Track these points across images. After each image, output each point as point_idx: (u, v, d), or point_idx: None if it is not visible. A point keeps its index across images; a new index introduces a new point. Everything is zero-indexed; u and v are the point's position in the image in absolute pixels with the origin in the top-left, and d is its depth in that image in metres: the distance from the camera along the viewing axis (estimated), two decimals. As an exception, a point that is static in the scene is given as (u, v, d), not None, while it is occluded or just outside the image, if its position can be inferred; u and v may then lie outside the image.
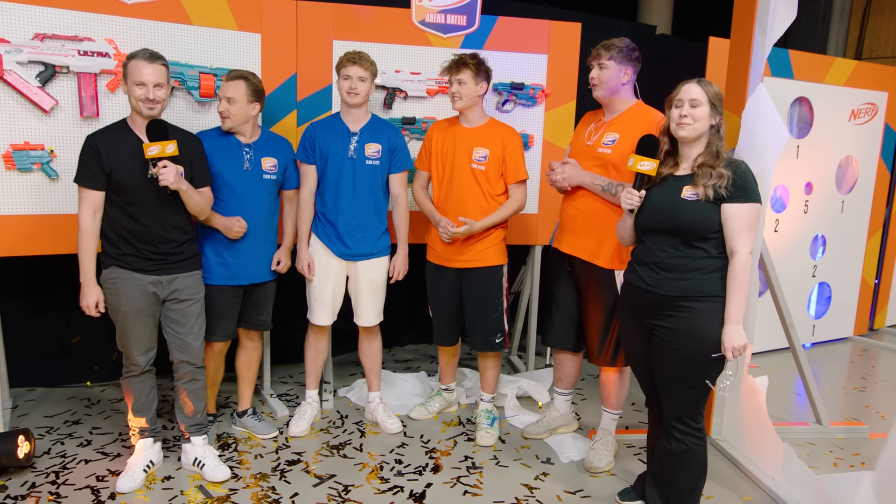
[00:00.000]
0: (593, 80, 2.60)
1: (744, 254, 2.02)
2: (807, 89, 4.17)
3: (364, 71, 2.76)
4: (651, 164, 2.15)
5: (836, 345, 4.68)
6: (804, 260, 4.43)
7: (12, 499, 2.38)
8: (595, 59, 2.59)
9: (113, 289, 2.38)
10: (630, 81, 2.61)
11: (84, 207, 2.33)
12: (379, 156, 2.86)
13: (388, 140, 2.89)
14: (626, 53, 2.56)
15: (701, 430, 2.16)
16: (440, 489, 2.56)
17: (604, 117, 2.68)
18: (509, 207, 2.87)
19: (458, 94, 2.79)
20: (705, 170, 2.05)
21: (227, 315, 2.76)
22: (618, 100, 2.61)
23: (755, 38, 2.69)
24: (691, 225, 2.06)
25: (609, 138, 2.59)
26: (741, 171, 2.04)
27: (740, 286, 2.02)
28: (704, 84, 2.10)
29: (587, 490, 2.59)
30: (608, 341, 2.67)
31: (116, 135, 2.35)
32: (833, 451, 2.99)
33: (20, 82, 2.56)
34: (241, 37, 3.01)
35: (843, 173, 4.51)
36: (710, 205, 2.03)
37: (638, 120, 2.57)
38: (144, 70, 2.30)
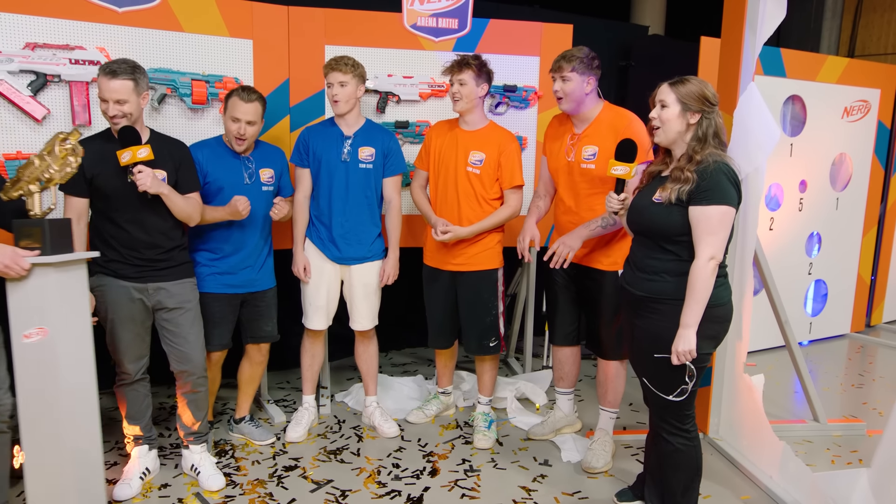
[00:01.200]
0: (558, 93, 2.61)
1: (702, 258, 1.96)
2: (799, 87, 4.18)
3: (344, 75, 2.74)
4: (625, 168, 2.19)
5: (832, 342, 4.68)
6: (800, 257, 4.44)
7: (8, 509, 2.37)
8: (557, 71, 2.60)
9: (100, 296, 2.38)
10: (593, 90, 2.63)
11: (67, 214, 2.34)
12: (372, 159, 2.86)
13: (382, 144, 2.88)
14: (587, 63, 2.57)
15: (690, 431, 2.14)
16: (438, 492, 2.56)
17: (575, 129, 2.69)
18: (503, 213, 2.86)
19: (459, 94, 2.77)
20: (676, 173, 2.03)
21: (221, 324, 2.74)
22: (585, 111, 2.64)
23: (745, 36, 2.69)
24: (655, 227, 2.06)
25: (589, 153, 2.61)
26: (709, 172, 1.96)
27: (693, 291, 1.97)
28: (678, 84, 2.06)
29: (585, 491, 2.58)
30: (612, 333, 2.70)
31: (97, 142, 2.35)
32: (830, 449, 2.99)
33: (12, 92, 2.56)
34: (233, 43, 3.01)
35: (837, 170, 4.52)
36: (674, 207, 2.01)
37: (610, 127, 2.59)
38: (105, 86, 2.27)
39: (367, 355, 3.08)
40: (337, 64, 2.74)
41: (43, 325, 1.90)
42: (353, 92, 2.78)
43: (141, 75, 2.34)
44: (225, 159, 2.71)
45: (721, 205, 1.96)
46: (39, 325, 1.90)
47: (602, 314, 2.71)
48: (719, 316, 2.05)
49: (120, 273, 2.39)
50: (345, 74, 2.74)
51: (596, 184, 2.61)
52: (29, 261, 1.90)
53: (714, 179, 1.97)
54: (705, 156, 2.01)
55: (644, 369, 2.16)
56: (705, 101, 2.04)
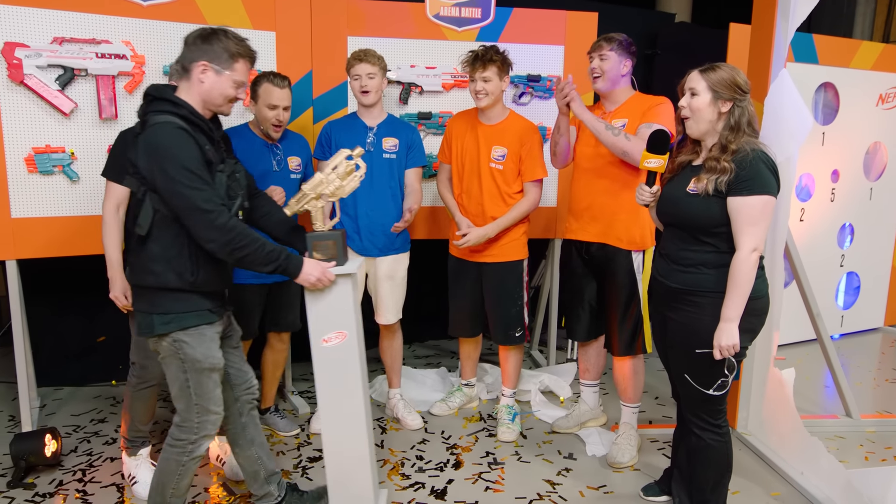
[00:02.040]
0: (595, 71, 2.61)
1: (744, 249, 1.92)
2: (832, 74, 4.07)
3: (372, 66, 2.74)
4: (659, 161, 2.12)
5: (865, 335, 4.58)
6: (832, 249, 4.33)
7: (41, 496, 2.42)
8: (595, 50, 2.61)
9: None
10: (628, 74, 2.63)
11: (109, 201, 2.32)
12: (396, 150, 2.85)
13: (405, 136, 2.88)
14: (626, 47, 2.59)
15: (721, 427, 2.09)
16: (461, 485, 2.55)
17: (605, 108, 2.68)
18: (522, 207, 2.83)
19: (485, 91, 2.72)
20: (711, 163, 1.97)
21: (249, 314, 2.75)
22: (618, 90, 2.64)
23: (777, 22, 2.62)
24: (691, 219, 2.01)
25: (619, 124, 2.58)
26: (748, 162, 1.91)
27: (736, 284, 1.93)
28: (708, 70, 2.00)
29: (610, 485, 2.56)
30: (626, 328, 2.67)
31: None
32: (864, 445, 2.92)
33: (40, 86, 2.59)
34: (256, 35, 3.01)
35: (871, 160, 4.40)
36: (711, 199, 1.95)
37: (642, 104, 2.59)
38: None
39: (392, 349, 3.08)
40: (365, 56, 2.73)
41: (342, 330, 2.06)
42: (380, 83, 2.79)
43: None
44: (255, 147, 2.70)
45: (763, 194, 1.91)
46: (338, 329, 2.06)
47: (615, 306, 2.67)
48: (757, 309, 2.00)
49: None
50: (373, 66, 2.74)
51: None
52: (333, 272, 2.02)
53: (754, 168, 1.91)
54: (741, 144, 1.95)
55: (680, 363, 2.11)
56: (737, 88, 1.97)
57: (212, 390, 1.97)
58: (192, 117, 1.85)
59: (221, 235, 1.81)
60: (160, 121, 1.80)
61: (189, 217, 1.79)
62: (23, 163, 2.63)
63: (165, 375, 1.98)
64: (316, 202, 2.11)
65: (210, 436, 2.01)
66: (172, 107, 1.84)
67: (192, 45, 1.88)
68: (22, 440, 2.53)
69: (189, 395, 1.94)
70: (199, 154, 1.81)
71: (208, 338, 1.94)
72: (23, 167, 2.64)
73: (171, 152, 1.76)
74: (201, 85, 1.88)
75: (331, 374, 2.10)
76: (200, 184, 1.78)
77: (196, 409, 1.95)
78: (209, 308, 1.93)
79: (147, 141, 1.79)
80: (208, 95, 1.89)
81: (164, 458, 2.00)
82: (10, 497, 2.41)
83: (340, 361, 2.09)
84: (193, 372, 1.92)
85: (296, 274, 1.95)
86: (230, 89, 1.92)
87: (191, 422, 1.96)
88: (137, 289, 1.94)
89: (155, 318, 1.89)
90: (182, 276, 1.86)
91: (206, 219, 1.79)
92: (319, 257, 2.05)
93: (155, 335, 1.91)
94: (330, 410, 2.14)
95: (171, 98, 1.86)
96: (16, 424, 2.95)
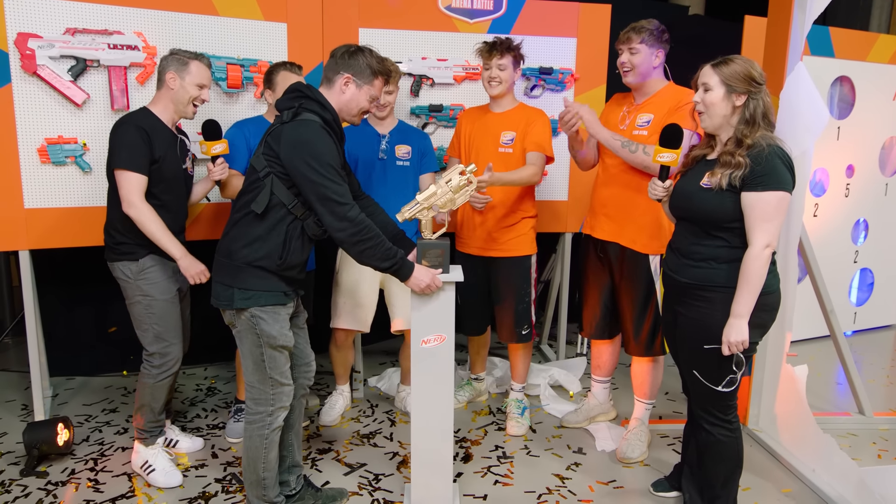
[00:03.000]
0: (624, 66, 2.53)
1: (757, 246, 1.89)
2: (848, 68, 4.01)
3: (395, 85, 2.79)
4: (672, 155, 2.10)
5: (878, 332, 4.53)
6: (845, 245, 4.29)
7: (53, 485, 2.44)
8: (625, 43, 2.51)
9: (154, 276, 2.38)
10: (661, 64, 2.55)
11: (134, 193, 2.27)
12: (409, 157, 2.85)
13: (417, 143, 2.88)
14: (657, 36, 2.49)
15: (732, 422, 2.08)
16: (471, 478, 2.55)
17: (635, 100, 2.62)
18: (525, 171, 2.69)
19: (499, 78, 2.71)
20: (726, 157, 1.94)
21: None
22: (650, 83, 2.56)
23: (794, 15, 2.59)
24: (704, 214, 1.99)
25: (643, 119, 2.54)
26: (763, 157, 1.88)
27: (747, 280, 1.90)
28: (721, 64, 1.97)
29: (620, 480, 2.55)
30: (643, 329, 2.63)
31: (157, 124, 2.36)
32: (877, 443, 2.90)
33: (53, 77, 2.60)
34: (268, 27, 3.00)
35: (886, 155, 4.35)
36: (725, 194, 1.93)
37: (671, 99, 2.51)
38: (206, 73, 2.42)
39: None
40: (392, 77, 2.72)
41: (442, 333, 2.17)
42: (396, 97, 2.83)
43: None
44: None
45: (777, 190, 1.88)
46: (438, 332, 2.17)
47: (633, 306, 2.64)
48: (768, 304, 1.98)
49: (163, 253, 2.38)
50: (395, 85, 2.80)
51: None
52: (441, 279, 2.13)
53: (770, 164, 1.89)
54: (756, 139, 1.92)
55: (689, 359, 2.10)
56: (752, 81, 1.94)
57: (283, 365, 2.09)
58: (332, 121, 2.03)
59: (352, 226, 1.95)
60: (309, 118, 1.97)
61: (325, 206, 1.94)
62: (36, 153, 2.64)
63: (239, 350, 2.09)
64: (427, 212, 2.20)
65: (285, 407, 2.12)
66: (320, 108, 2.01)
67: (340, 58, 2.07)
68: (35, 429, 2.55)
69: (264, 368, 2.06)
70: (337, 153, 1.99)
71: (282, 317, 2.06)
72: (36, 158, 2.65)
73: (318, 148, 1.92)
74: (342, 95, 2.07)
75: (427, 372, 2.20)
76: (339, 179, 1.95)
77: (270, 381, 2.07)
78: (285, 290, 2.04)
79: (296, 133, 1.94)
80: (346, 105, 2.08)
81: (248, 437, 2.10)
82: (22, 485, 2.43)
83: (436, 361, 2.20)
84: (268, 347, 2.04)
85: (407, 276, 2.07)
86: (365, 102, 2.11)
87: (266, 394, 2.08)
88: (225, 260, 2.02)
89: (236, 291, 1.99)
90: (271, 258, 1.99)
91: (341, 210, 1.94)
92: (427, 264, 2.15)
93: (234, 308, 2.01)
94: (422, 406, 2.23)
95: (321, 100, 2.02)
96: (29, 413, 2.98)
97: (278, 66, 2.66)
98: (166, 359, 2.43)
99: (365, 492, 2.45)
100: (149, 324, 2.39)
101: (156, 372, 2.42)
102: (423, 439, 2.25)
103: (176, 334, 2.45)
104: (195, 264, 2.37)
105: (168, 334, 2.42)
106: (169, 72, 2.35)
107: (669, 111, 2.47)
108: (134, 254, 2.36)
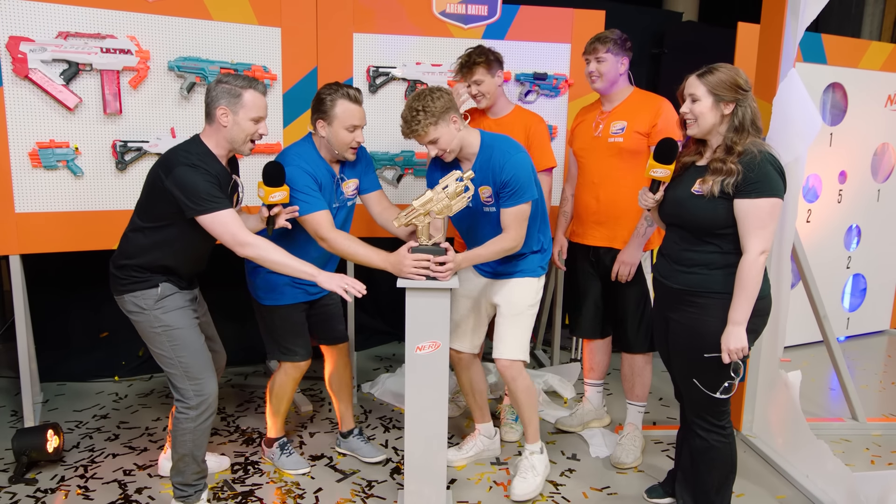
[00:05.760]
0: (593, 74, 2.64)
1: (752, 252, 1.89)
2: (840, 74, 4.04)
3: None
4: (665, 171, 2.07)
5: (871, 338, 4.55)
6: (838, 251, 4.31)
7: (42, 492, 2.41)
8: (591, 53, 2.62)
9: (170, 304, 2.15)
10: (626, 71, 2.65)
11: (239, 231, 2.05)
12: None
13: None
14: (621, 44, 2.61)
15: (725, 428, 2.08)
16: (465, 484, 2.54)
17: (603, 107, 2.70)
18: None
19: (480, 93, 2.72)
20: (716, 164, 1.94)
21: (304, 331, 2.54)
22: (616, 91, 2.66)
23: (786, 21, 2.60)
24: (697, 221, 1.98)
25: (617, 127, 2.61)
26: (756, 164, 1.88)
27: (744, 286, 1.90)
28: (706, 74, 1.97)
29: (614, 486, 2.54)
30: (640, 324, 2.67)
31: (215, 165, 2.11)
32: (870, 448, 2.90)
33: (45, 80, 2.58)
34: (262, 31, 3.00)
35: (878, 161, 4.37)
36: (717, 200, 1.93)
37: (641, 105, 2.61)
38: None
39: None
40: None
41: (436, 340, 2.17)
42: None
43: None
44: (325, 175, 2.39)
45: (771, 197, 1.88)
46: (433, 339, 2.17)
47: (626, 303, 2.68)
48: (760, 309, 1.98)
49: (180, 285, 2.19)
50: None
51: (625, 157, 2.59)
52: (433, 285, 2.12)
53: (762, 171, 1.89)
54: (747, 146, 1.92)
55: (685, 367, 2.09)
56: (738, 88, 1.94)
57: None
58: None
59: None
60: None
61: None
62: (27, 157, 2.62)
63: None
64: (423, 218, 2.18)
65: None
66: None
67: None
68: (24, 435, 2.52)
69: None
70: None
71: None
72: (27, 162, 2.63)
73: None
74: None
75: (421, 379, 2.20)
76: None
77: None
78: None
79: None
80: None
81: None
82: (11, 492, 2.40)
83: (431, 368, 2.19)
84: None
85: None
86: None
87: None
88: None
89: None
90: None
91: None
92: None
93: None
94: (416, 412, 2.23)
95: None
96: (18, 419, 2.95)
97: (330, 95, 2.31)
98: (203, 397, 2.14)
99: (358, 498, 2.43)
100: (175, 357, 2.13)
101: (194, 414, 2.13)
102: (416, 446, 2.24)
103: (206, 367, 2.17)
104: (332, 277, 2.12)
105: (196, 369, 2.14)
106: (220, 106, 2.07)
107: (651, 124, 2.54)
108: (149, 280, 2.12)
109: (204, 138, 2.13)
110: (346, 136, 2.32)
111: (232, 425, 2.97)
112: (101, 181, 2.76)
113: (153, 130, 2.81)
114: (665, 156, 2.07)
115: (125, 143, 2.76)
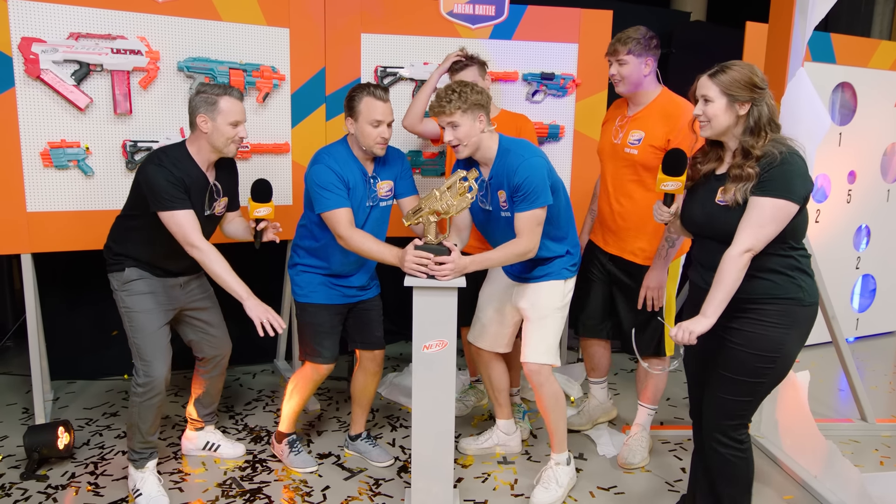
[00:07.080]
0: (614, 77, 2.52)
1: (737, 248, 1.80)
2: (850, 74, 4.02)
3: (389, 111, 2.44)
4: (676, 183, 2.00)
5: (881, 339, 4.52)
6: (847, 251, 4.28)
7: (53, 488, 2.44)
8: (612, 55, 2.50)
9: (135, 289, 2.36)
10: (652, 71, 2.52)
11: (194, 233, 2.19)
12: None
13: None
14: (644, 44, 2.46)
15: (744, 443, 2.00)
16: (471, 483, 2.55)
17: (628, 111, 2.61)
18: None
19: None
20: (735, 171, 1.86)
21: (332, 334, 2.56)
22: (642, 92, 2.54)
23: (795, 21, 2.59)
24: (725, 232, 1.87)
25: (634, 137, 2.52)
26: (774, 165, 1.80)
27: (722, 282, 1.81)
28: (719, 73, 1.87)
29: (621, 486, 2.54)
30: (648, 332, 2.65)
31: (192, 170, 2.27)
32: (879, 450, 2.89)
33: (56, 81, 2.61)
34: (270, 32, 3.01)
35: (888, 161, 4.35)
36: (744, 208, 1.84)
37: (663, 114, 2.49)
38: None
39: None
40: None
41: (443, 339, 2.18)
42: None
43: None
44: (357, 174, 2.41)
45: (779, 198, 1.78)
46: (440, 338, 2.18)
47: (636, 312, 2.64)
48: (809, 317, 1.92)
49: (153, 272, 2.36)
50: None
51: (638, 170, 2.53)
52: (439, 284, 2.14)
53: (778, 171, 1.80)
54: (766, 149, 1.83)
55: (725, 372, 1.95)
56: (754, 87, 1.85)
57: None
58: None
59: None
60: None
61: None
62: (38, 157, 2.65)
63: None
64: (429, 217, 2.20)
65: None
66: None
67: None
68: (35, 432, 2.55)
69: None
70: None
71: None
72: (38, 161, 2.65)
73: None
74: None
75: (428, 378, 2.21)
76: None
77: None
78: None
79: None
80: None
81: None
82: (22, 489, 2.43)
83: (438, 367, 2.20)
84: None
85: None
86: None
87: None
88: None
89: None
90: None
91: None
92: None
93: None
94: (423, 411, 2.24)
95: None
96: (29, 417, 2.98)
97: (359, 92, 2.37)
98: (149, 378, 2.28)
99: (365, 496, 2.44)
100: (131, 337, 2.33)
101: (140, 391, 2.29)
102: (423, 444, 2.25)
103: (156, 354, 2.30)
104: (259, 306, 2.19)
105: (147, 352, 2.29)
106: (199, 115, 2.22)
107: (668, 133, 2.44)
108: (120, 264, 2.34)
109: (188, 144, 2.31)
110: (371, 132, 2.35)
111: (240, 423, 2.99)
112: (111, 181, 2.78)
113: (163, 130, 2.83)
114: (674, 168, 1.99)
115: (135, 142, 2.78)
